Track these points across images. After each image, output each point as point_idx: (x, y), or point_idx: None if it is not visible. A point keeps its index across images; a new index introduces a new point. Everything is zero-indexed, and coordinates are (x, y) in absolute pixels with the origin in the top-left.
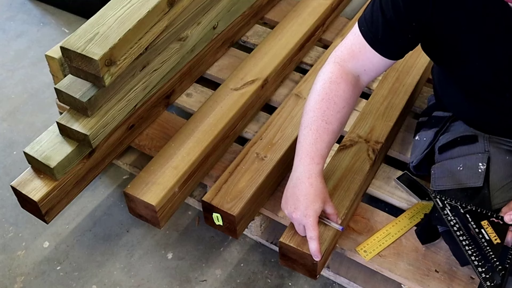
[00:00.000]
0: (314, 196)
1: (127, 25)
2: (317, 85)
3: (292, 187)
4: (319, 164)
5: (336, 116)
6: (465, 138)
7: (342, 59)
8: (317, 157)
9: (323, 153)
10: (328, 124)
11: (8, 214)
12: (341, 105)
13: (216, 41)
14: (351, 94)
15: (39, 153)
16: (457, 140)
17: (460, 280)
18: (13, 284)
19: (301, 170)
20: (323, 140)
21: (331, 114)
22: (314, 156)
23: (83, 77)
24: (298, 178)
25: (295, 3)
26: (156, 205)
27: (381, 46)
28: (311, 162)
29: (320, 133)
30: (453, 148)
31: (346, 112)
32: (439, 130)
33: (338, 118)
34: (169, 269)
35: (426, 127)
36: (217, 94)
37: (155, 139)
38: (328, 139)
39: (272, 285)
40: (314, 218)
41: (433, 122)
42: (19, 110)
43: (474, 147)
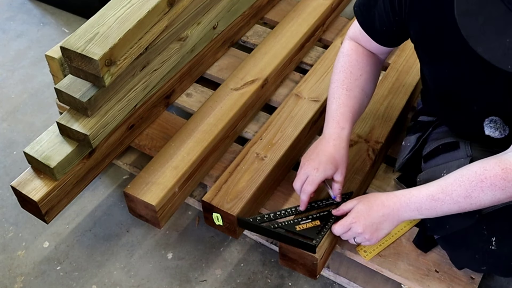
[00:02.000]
0: (332, 158)
1: (127, 25)
2: (336, 61)
3: (318, 142)
4: (345, 128)
5: (355, 83)
6: (446, 146)
7: (351, 37)
8: (342, 121)
9: (348, 117)
10: (348, 91)
11: (8, 214)
12: (357, 73)
13: (216, 41)
14: (365, 63)
15: (39, 153)
16: (439, 148)
17: (460, 280)
18: (13, 284)
19: (328, 132)
20: (346, 105)
21: (349, 82)
22: (340, 120)
23: (83, 77)
24: (325, 137)
25: (295, 3)
26: (156, 205)
27: (374, 33)
28: (337, 126)
29: (343, 99)
30: (437, 156)
31: (365, 79)
32: (421, 135)
33: (358, 85)
34: (169, 269)
35: (411, 132)
36: (217, 94)
37: (155, 139)
38: (351, 103)
39: (272, 285)
40: (320, 175)
41: (417, 127)
42: (19, 110)
43: (457, 153)
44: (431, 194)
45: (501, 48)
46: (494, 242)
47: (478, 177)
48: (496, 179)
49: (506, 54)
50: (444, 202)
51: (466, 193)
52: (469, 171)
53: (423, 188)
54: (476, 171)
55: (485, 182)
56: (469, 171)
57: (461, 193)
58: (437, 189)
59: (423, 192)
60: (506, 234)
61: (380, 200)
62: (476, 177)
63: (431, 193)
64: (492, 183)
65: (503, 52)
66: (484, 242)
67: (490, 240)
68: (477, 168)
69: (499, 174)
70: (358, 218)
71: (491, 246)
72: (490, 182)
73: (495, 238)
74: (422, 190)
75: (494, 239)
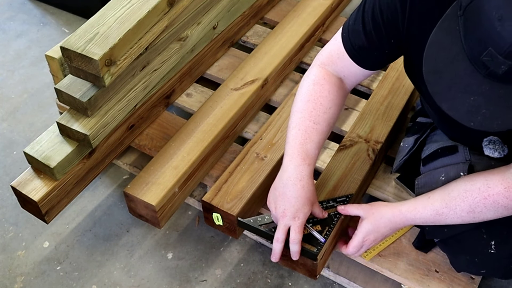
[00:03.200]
0: (305, 199)
1: (127, 25)
2: (303, 87)
3: (283, 187)
4: (310, 165)
5: (324, 116)
6: (445, 149)
7: (323, 62)
8: (308, 158)
9: (313, 154)
10: (316, 124)
11: (8, 214)
12: (327, 106)
13: (216, 41)
14: (336, 95)
15: (39, 153)
16: (438, 152)
17: (460, 280)
18: (13, 284)
19: (292, 171)
20: (312, 140)
21: (318, 114)
22: (305, 157)
23: (83, 77)
24: (289, 178)
25: (295, 3)
26: (156, 205)
27: (359, 56)
28: (302, 162)
29: (309, 133)
30: (435, 159)
31: (333, 112)
32: (419, 136)
33: (326, 119)
34: (169, 269)
35: (409, 133)
36: (217, 94)
37: (155, 139)
38: (318, 139)
39: (272, 285)
40: (302, 221)
41: (416, 129)
42: (19, 110)
43: (455, 157)
44: (435, 209)
45: (464, 105)
46: (493, 246)
47: (482, 194)
48: (499, 197)
49: (469, 111)
50: (448, 216)
51: (470, 209)
52: (472, 187)
53: (428, 203)
54: (480, 188)
55: (488, 200)
56: (473, 186)
57: (465, 208)
58: (441, 204)
59: (428, 208)
60: (505, 237)
61: (387, 217)
62: (480, 194)
63: (436, 208)
64: (495, 201)
65: (466, 110)
66: (484, 246)
67: (489, 243)
68: (481, 184)
69: (501, 192)
70: (368, 237)
71: (490, 249)
72: (493, 200)
73: (494, 242)
74: (427, 206)
75: (493, 243)
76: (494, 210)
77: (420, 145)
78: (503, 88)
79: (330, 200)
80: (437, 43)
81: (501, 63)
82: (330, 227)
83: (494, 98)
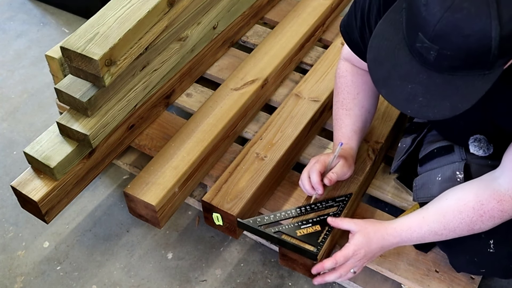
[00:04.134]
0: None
1: (127, 25)
2: (334, 83)
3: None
4: (348, 144)
5: (354, 102)
6: (441, 149)
7: (344, 56)
8: (344, 138)
9: (350, 135)
10: (348, 111)
11: (8, 214)
12: (354, 93)
13: (216, 41)
14: (360, 82)
15: (39, 153)
16: (434, 152)
17: (460, 280)
18: (13, 284)
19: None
20: (347, 125)
21: (348, 102)
22: (341, 138)
23: (83, 77)
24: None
25: (295, 3)
26: (156, 205)
27: (358, 49)
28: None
29: (343, 119)
30: (432, 160)
31: (362, 96)
32: (416, 136)
33: (357, 104)
34: (169, 269)
35: (407, 134)
36: (217, 94)
37: (155, 139)
38: (352, 121)
39: (272, 285)
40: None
41: (413, 129)
42: (19, 110)
43: (451, 157)
44: (433, 231)
45: (403, 93)
46: (492, 245)
47: (477, 212)
48: (494, 212)
49: (407, 99)
50: (448, 235)
51: (469, 228)
52: (466, 207)
53: (423, 224)
54: (474, 207)
55: (485, 216)
56: (466, 207)
57: (464, 228)
58: (439, 226)
59: (424, 229)
60: (503, 236)
61: (380, 234)
62: (475, 213)
63: (434, 230)
64: (491, 216)
65: (404, 97)
66: (483, 245)
67: (488, 243)
68: (474, 203)
69: (496, 207)
70: (359, 251)
71: (489, 249)
72: (489, 215)
73: (493, 241)
74: (423, 227)
75: (492, 242)
76: (491, 223)
77: (417, 145)
78: (439, 77)
79: (329, 200)
80: (381, 33)
81: (430, 48)
82: (330, 227)
83: (431, 87)
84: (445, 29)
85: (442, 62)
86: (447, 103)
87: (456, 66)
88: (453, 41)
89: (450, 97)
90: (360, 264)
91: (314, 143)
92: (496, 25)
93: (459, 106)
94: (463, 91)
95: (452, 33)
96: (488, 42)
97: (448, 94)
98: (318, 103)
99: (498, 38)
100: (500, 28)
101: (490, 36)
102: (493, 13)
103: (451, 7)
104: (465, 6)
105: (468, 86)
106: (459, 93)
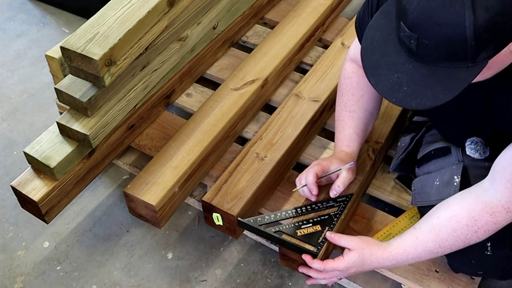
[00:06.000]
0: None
1: (127, 25)
2: (339, 83)
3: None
4: (349, 146)
5: (358, 104)
6: (438, 151)
7: (350, 56)
8: (346, 141)
9: (353, 138)
10: (351, 113)
11: (8, 214)
12: (359, 95)
13: (216, 41)
14: (366, 83)
15: (39, 153)
16: (431, 154)
17: (460, 280)
18: (13, 284)
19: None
20: (350, 127)
21: (352, 104)
22: (344, 140)
23: (83, 77)
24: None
25: (295, 3)
26: (156, 205)
27: None
28: (340, 145)
29: (346, 121)
30: (429, 161)
31: (367, 99)
32: (415, 135)
33: (360, 106)
34: (169, 269)
35: (406, 133)
36: (217, 94)
37: (155, 139)
38: (355, 124)
39: (272, 285)
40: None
41: (412, 128)
42: (19, 110)
43: (449, 160)
44: (429, 250)
45: (389, 82)
46: (489, 248)
47: (471, 229)
48: (488, 226)
49: (392, 88)
50: (444, 252)
51: (464, 243)
52: (459, 225)
53: (418, 244)
54: (467, 224)
55: (479, 232)
56: (460, 224)
57: (460, 245)
58: (434, 245)
59: (419, 249)
60: (500, 239)
61: (375, 257)
62: (469, 230)
63: (429, 249)
64: (486, 230)
65: (390, 86)
66: (480, 248)
67: (485, 245)
68: (467, 220)
69: (489, 220)
70: (351, 269)
71: (487, 251)
72: (483, 230)
73: (490, 244)
74: (418, 248)
75: (489, 244)
76: (486, 235)
77: (416, 144)
78: (424, 68)
79: (330, 200)
80: (375, 24)
81: (410, 37)
82: (330, 227)
83: (416, 77)
84: (421, 17)
85: (424, 52)
86: (429, 93)
87: (438, 56)
88: (429, 30)
89: (433, 88)
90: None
91: (314, 143)
92: (470, 15)
93: (441, 97)
94: (446, 82)
95: (427, 21)
96: (463, 31)
97: (431, 85)
98: (318, 103)
99: (472, 28)
100: (474, 17)
101: (464, 25)
102: (467, 2)
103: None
104: None
105: (451, 78)
106: (442, 84)
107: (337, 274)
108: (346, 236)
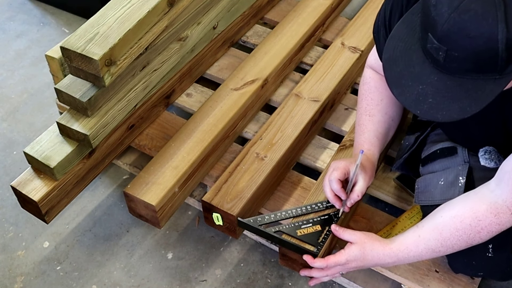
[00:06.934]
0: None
1: (127, 25)
2: (359, 89)
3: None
4: (370, 150)
5: (377, 108)
6: (444, 150)
7: (369, 63)
8: (367, 144)
9: (373, 141)
10: (371, 117)
11: (8, 214)
12: (378, 99)
13: (216, 41)
14: (384, 88)
15: (39, 153)
16: (437, 153)
17: (460, 280)
18: (13, 284)
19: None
20: (369, 130)
21: (371, 108)
22: (364, 144)
23: (83, 77)
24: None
25: (295, 3)
26: (156, 205)
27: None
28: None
29: (366, 125)
30: (434, 160)
31: (386, 103)
32: (420, 135)
33: (380, 110)
34: (169, 269)
35: (410, 131)
36: (217, 94)
37: (155, 139)
38: (375, 127)
39: (272, 285)
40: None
41: (417, 126)
42: (19, 110)
43: (454, 160)
44: (431, 248)
45: (413, 93)
46: (490, 249)
47: (474, 229)
48: (491, 227)
49: (417, 99)
50: (446, 252)
51: (467, 244)
52: (463, 224)
53: (420, 242)
54: (471, 224)
55: (482, 232)
56: (463, 224)
57: (462, 244)
58: (436, 244)
59: (421, 247)
60: (502, 241)
61: (376, 253)
62: (472, 230)
63: (431, 247)
64: (489, 231)
65: (415, 98)
66: (481, 249)
67: (486, 247)
68: (471, 220)
69: (493, 221)
70: (351, 263)
71: (488, 253)
72: (487, 231)
73: (492, 246)
74: (420, 245)
75: (490, 246)
76: (489, 236)
77: (420, 144)
78: (450, 79)
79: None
80: (397, 34)
81: (438, 49)
82: (330, 227)
83: (441, 89)
84: (452, 30)
85: (451, 64)
86: (456, 106)
87: (466, 68)
88: (459, 42)
89: (460, 100)
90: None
91: (314, 143)
92: (503, 28)
93: (468, 110)
94: (473, 95)
95: (458, 34)
96: (495, 44)
97: (457, 97)
98: (318, 103)
99: (504, 41)
100: (507, 30)
101: (496, 39)
102: (500, 15)
103: (459, 8)
104: (472, 8)
105: (478, 90)
106: (469, 96)
107: (339, 270)
108: (350, 230)
